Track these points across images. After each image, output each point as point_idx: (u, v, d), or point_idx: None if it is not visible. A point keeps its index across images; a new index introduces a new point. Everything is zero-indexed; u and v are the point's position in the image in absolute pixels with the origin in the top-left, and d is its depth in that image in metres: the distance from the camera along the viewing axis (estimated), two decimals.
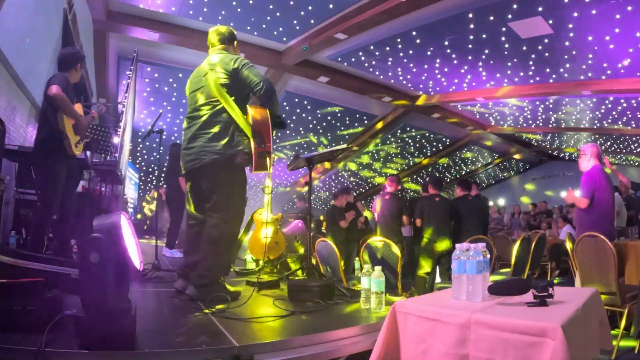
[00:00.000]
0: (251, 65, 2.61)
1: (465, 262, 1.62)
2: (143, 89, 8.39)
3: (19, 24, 3.89)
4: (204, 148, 2.50)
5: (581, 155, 3.79)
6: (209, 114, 2.54)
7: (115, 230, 1.50)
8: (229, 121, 2.52)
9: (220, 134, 2.50)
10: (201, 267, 2.49)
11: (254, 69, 2.61)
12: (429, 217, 5.08)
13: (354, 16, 5.99)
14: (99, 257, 1.41)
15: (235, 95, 2.56)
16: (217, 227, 2.51)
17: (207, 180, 2.55)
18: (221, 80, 2.54)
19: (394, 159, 13.49)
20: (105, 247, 1.43)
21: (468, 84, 8.26)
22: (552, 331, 1.19)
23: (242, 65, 2.56)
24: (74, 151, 3.20)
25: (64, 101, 3.03)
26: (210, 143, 2.49)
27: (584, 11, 5.27)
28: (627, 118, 8.97)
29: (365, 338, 1.87)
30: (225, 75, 2.55)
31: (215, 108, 2.53)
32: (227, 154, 2.49)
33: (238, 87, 2.58)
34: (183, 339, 1.65)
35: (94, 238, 1.42)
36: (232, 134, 2.51)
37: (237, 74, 2.55)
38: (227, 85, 2.54)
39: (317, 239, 3.93)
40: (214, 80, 2.54)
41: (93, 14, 6.04)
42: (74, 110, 3.16)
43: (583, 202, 3.55)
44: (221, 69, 2.56)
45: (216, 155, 2.48)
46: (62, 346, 1.39)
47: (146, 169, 11.79)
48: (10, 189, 4.23)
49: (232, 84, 2.55)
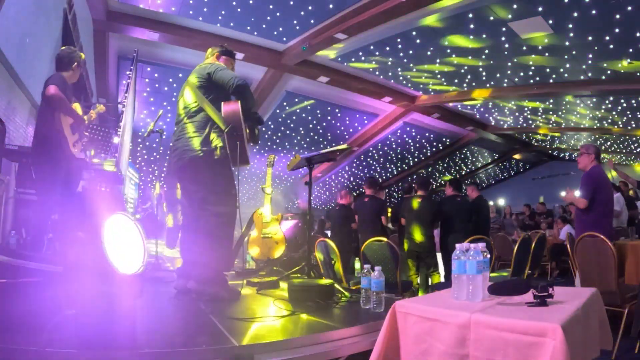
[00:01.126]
0: (224, 68, 2.75)
1: (465, 262, 1.62)
2: (143, 89, 8.39)
3: (19, 24, 3.89)
4: (184, 147, 2.63)
5: (581, 154, 3.78)
6: (187, 115, 2.70)
7: (96, 230, 1.50)
8: (206, 119, 2.65)
9: (197, 133, 2.63)
10: (200, 264, 2.52)
11: (227, 70, 2.75)
12: (410, 217, 5.05)
13: (354, 16, 5.99)
14: (77, 255, 1.41)
15: (212, 97, 2.69)
16: (208, 222, 2.56)
17: (192, 179, 2.66)
18: (197, 83, 2.71)
19: (393, 159, 13.49)
20: (85, 245, 1.43)
21: (468, 84, 8.27)
22: (552, 331, 1.19)
23: (215, 69, 2.71)
24: (72, 150, 3.20)
25: (62, 101, 3.04)
26: (189, 142, 2.62)
27: (584, 11, 5.28)
28: (627, 118, 8.97)
29: (365, 338, 1.87)
30: (201, 79, 2.72)
31: (193, 109, 2.69)
32: (205, 151, 2.59)
33: (213, 88, 2.71)
34: (183, 339, 1.65)
35: (75, 236, 1.42)
36: (209, 130, 2.64)
37: (210, 77, 2.71)
38: (202, 88, 2.70)
39: (317, 239, 3.93)
40: (191, 85, 2.73)
41: (93, 14, 6.03)
42: (72, 109, 3.16)
43: (582, 203, 3.54)
44: (198, 75, 2.75)
45: (195, 153, 2.59)
46: (62, 346, 1.39)
47: (146, 169, 11.79)
48: (10, 189, 4.23)
49: (207, 86, 2.70)
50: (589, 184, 3.56)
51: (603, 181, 3.59)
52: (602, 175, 3.62)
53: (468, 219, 5.12)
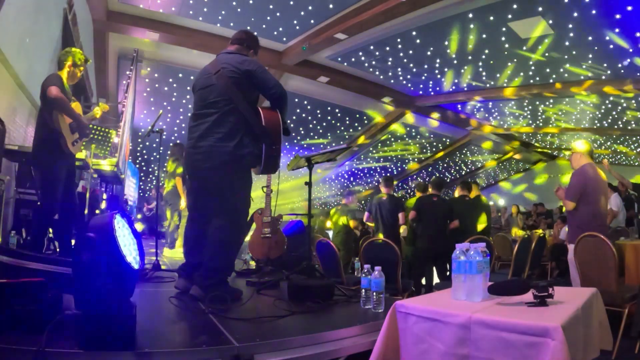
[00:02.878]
0: (265, 69, 2.59)
1: (465, 262, 1.62)
2: (143, 89, 8.39)
3: (19, 24, 3.89)
4: (214, 148, 2.46)
5: (572, 153, 3.66)
6: (219, 113, 2.49)
7: (108, 229, 1.50)
8: (240, 122, 2.49)
9: (230, 135, 2.46)
10: (207, 268, 2.46)
11: (269, 73, 2.60)
12: (427, 217, 5.03)
13: (354, 16, 6.00)
14: (91, 255, 1.41)
15: (247, 96, 2.53)
16: (223, 228, 2.48)
17: (215, 181, 2.51)
18: (233, 79, 2.50)
19: (394, 158, 13.49)
20: (97, 246, 1.43)
21: (468, 84, 8.27)
22: (552, 331, 1.19)
23: (257, 68, 2.55)
24: (71, 149, 3.20)
25: (62, 101, 3.05)
26: (220, 143, 2.45)
27: (584, 11, 5.28)
28: (627, 118, 8.97)
29: (365, 338, 1.87)
30: (238, 75, 2.51)
31: (226, 107, 2.49)
32: (237, 155, 2.46)
33: (250, 88, 2.55)
34: (183, 339, 1.65)
35: (87, 237, 1.42)
36: (243, 135, 2.48)
37: (250, 76, 2.53)
38: (239, 86, 2.50)
39: (317, 239, 3.93)
40: (225, 80, 2.49)
41: (93, 14, 6.04)
42: (72, 109, 3.16)
43: (569, 205, 3.42)
44: (234, 69, 2.52)
45: (226, 156, 2.44)
46: (62, 346, 1.39)
47: (146, 169, 11.79)
48: (10, 189, 4.23)
49: (244, 85, 2.52)
50: (574, 185, 3.42)
51: (591, 180, 3.39)
52: (590, 174, 3.42)
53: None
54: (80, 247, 1.41)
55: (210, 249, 2.49)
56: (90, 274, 1.42)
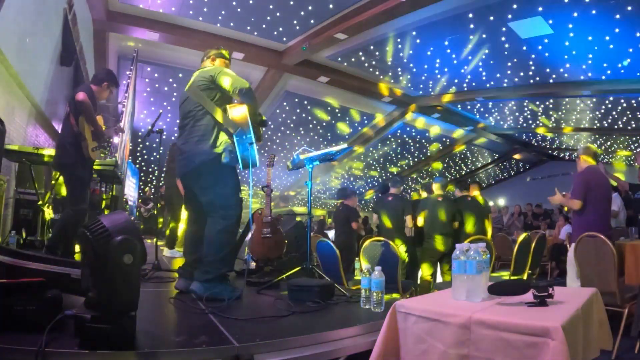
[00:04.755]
0: (226, 72, 2.73)
1: (465, 262, 1.62)
2: (143, 89, 8.39)
3: (19, 24, 3.89)
4: (193, 151, 2.61)
5: (578, 156, 3.75)
6: (194, 119, 2.67)
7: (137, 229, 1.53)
8: (212, 122, 2.63)
9: (205, 136, 2.61)
10: (204, 263, 2.54)
11: (230, 73, 2.73)
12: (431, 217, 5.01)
13: (354, 16, 6.00)
14: (132, 258, 1.44)
15: (216, 98, 2.68)
16: (215, 226, 2.57)
17: (200, 182, 2.65)
18: (201, 86, 2.69)
19: (394, 159, 13.49)
20: (136, 248, 1.46)
21: (468, 84, 8.27)
22: (552, 331, 1.19)
23: (219, 72, 2.70)
24: (91, 155, 3.37)
25: (89, 107, 3.24)
26: (197, 146, 2.60)
27: (584, 11, 5.28)
28: (627, 118, 8.97)
29: (365, 338, 1.87)
30: (204, 82, 2.69)
31: (199, 113, 2.66)
32: (214, 154, 2.58)
33: (217, 91, 2.69)
34: (183, 339, 1.65)
35: (126, 240, 1.44)
36: (217, 133, 2.62)
37: (213, 80, 2.69)
38: (206, 90, 2.68)
39: (317, 239, 3.93)
40: (194, 89, 2.70)
41: (93, 14, 6.04)
42: (95, 118, 3.35)
43: (575, 204, 3.46)
44: (201, 78, 2.72)
45: (203, 156, 2.57)
46: (62, 346, 1.39)
47: (146, 169, 11.79)
48: (10, 189, 4.23)
49: (211, 89, 2.68)
50: (578, 185, 3.48)
51: (595, 182, 3.46)
52: (595, 175, 3.50)
53: (480, 218, 5.11)
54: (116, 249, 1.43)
55: (206, 245, 2.57)
56: (133, 277, 1.46)
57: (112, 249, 1.43)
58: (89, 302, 1.48)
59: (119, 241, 1.44)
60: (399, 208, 5.12)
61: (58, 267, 1.99)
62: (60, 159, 3.33)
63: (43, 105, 5.19)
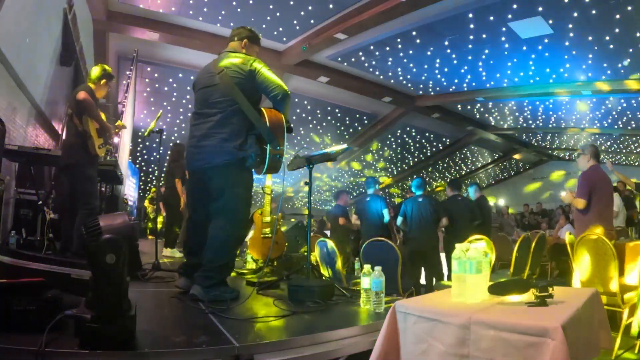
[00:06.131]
0: (268, 68, 2.58)
1: (465, 262, 1.62)
2: (143, 89, 8.38)
3: (19, 24, 3.89)
4: (217, 148, 2.46)
5: (579, 155, 3.80)
6: (222, 113, 2.48)
7: (131, 232, 1.52)
8: (244, 122, 2.49)
9: (234, 135, 2.46)
10: (207, 268, 2.46)
11: (271, 73, 2.58)
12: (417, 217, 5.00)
13: (354, 16, 6.00)
14: (114, 258, 1.42)
15: (249, 96, 2.52)
16: (224, 228, 2.48)
17: (217, 181, 2.51)
18: (236, 80, 2.49)
19: (394, 159, 13.48)
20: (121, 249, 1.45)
21: (468, 84, 8.27)
22: (552, 331, 1.19)
23: (260, 68, 2.53)
24: (97, 152, 3.40)
25: (91, 105, 3.27)
26: (224, 144, 2.45)
27: (584, 11, 5.28)
28: (627, 118, 8.97)
29: (365, 338, 1.87)
30: (241, 76, 2.51)
31: (230, 108, 2.48)
32: (240, 156, 2.46)
33: (253, 88, 2.54)
34: (183, 339, 1.65)
35: (111, 240, 1.43)
36: (246, 135, 2.49)
37: (253, 76, 2.52)
38: (242, 86, 2.49)
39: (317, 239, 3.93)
40: (229, 80, 2.49)
41: (93, 14, 6.04)
42: (99, 115, 3.37)
43: (580, 203, 3.54)
44: (237, 69, 2.52)
45: (229, 157, 2.44)
46: (62, 346, 1.39)
47: (146, 169, 11.78)
48: (10, 189, 4.23)
49: (247, 85, 2.52)
50: (584, 184, 3.55)
51: (599, 181, 3.55)
52: (599, 175, 3.58)
53: (471, 219, 5.12)
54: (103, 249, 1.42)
55: (211, 249, 2.48)
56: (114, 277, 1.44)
57: (96, 247, 1.42)
58: (89, 302, 1.48)
59: (103, 240, 1.42)
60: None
61: (58, 267, 1.99)
62: (69, 160, 3.35)
63: (43, 106, 5.19)
